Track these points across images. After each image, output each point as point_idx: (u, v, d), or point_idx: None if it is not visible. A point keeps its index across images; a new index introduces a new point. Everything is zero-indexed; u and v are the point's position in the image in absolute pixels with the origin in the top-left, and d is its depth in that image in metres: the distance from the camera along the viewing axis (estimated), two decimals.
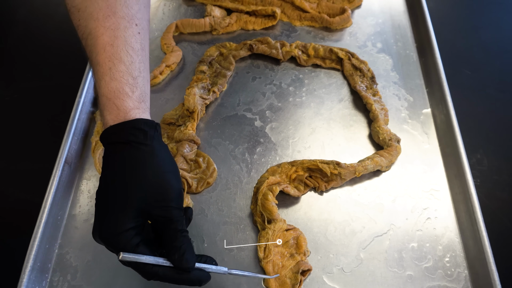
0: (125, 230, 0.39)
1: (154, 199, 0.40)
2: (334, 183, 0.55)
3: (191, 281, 0.40)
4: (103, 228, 0.39)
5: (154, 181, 0.41)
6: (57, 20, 0.78)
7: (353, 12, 0.75)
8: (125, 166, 0.41)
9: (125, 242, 0.39)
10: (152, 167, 0.41)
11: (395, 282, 0.49)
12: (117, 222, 0.39)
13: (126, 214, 0.39)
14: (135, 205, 0.40)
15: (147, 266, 0.39)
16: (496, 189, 0.59)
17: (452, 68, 0.69)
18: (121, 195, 0.40)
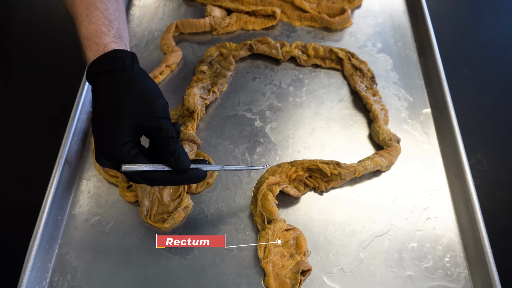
0: (122, 144, 0.43)
1: (143, 112, 0.45)
2: (334, 183, 0.55)
3: (190, 179, 0.45)
4: (103, 147, 0.44)
5: (139, 98, 0.46)
6: (57, 20, 0.78)
7: (353, 12, 0.75)
8: (110, 91, 0.46)
9: (124, 155, 0.43)
10: (135, 87, 0.46)
11: (395, 282, 0.49)
12: (114, 138, 0.43)
13: (120, 130, 0.44)
14: (127, 122, 0.44)
15: (148, 173, 0.44)
16: (496, 189, 0.59)
17: (452, 68, 0.69)
18: (112, 115, 0.44)
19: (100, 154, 0.44)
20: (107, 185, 0.56)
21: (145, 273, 0.49)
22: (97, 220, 0.53)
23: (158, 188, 0.53)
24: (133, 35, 0.71)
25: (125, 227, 0.52)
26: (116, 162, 0.44)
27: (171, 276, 0.49)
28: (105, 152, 0.44)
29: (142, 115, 0.45)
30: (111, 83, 0.46)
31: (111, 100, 0.45)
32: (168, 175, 0.44)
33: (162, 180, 0.44)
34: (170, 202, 0.53)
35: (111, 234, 0.52)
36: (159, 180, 0.44)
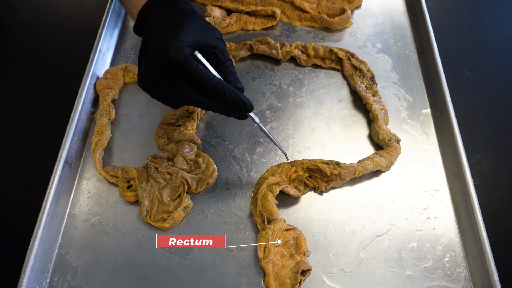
0: (187, 45, 0.45)
1: (206, 32, 0.48)
2: (334, 183, 0.55)
3: (243, 100, 0.47)
4: (168, 46, 0.45)
5: (203, 22, 0.49)
6: (57, 20, 0.78)
7: (353, 13, 0.75)
8: (176, 12, 0.49)
9: (188, 55, 0.45)
10: (198, 14, 0.50)
11: (395, 282, 0.49)
12: (180, 39, 0.45)
13: (187, 36, 0.46)
14: (193, 33, 0.47)
15: (208, 81, 0.45)
16: (496, 189, 0.59)
17: (452, 69, 0.69)
18: (179, 26, 0.47)
19: (161, 52, 0.44)
20: (107, 185, 0.56)
21: (145, 273, 0.49)
22: (97, 220, 0.53)
23: (158, 188, 0.53)
24: (133, 35, 0.71)
25: (125, 227, 0.52)
26: (178, 60, 0.44)
27: (171, 276, 0.49)
28: (168, 50, 0.44)
29: (206, 34, 0.48)
30: (177, 8, 0.49)
31: (178, 17, 0.48)
32: (227, 90, 0.46)
33: (219, 92, 0.45)
34: (170, 202, 0.53)
35: (111, 234, 0.52)
36: (220, 89, 0.45)
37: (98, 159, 0.56)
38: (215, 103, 0.47)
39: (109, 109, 0.61)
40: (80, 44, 0.71)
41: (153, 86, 0.48)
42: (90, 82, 0.61)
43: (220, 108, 0.48)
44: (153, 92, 0.49)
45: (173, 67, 0.45)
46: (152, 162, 0.55)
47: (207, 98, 0.47)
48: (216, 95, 0.46)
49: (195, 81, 0.46)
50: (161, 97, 0.49)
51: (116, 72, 0.64)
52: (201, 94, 0.47)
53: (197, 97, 0.47)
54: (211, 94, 0.46)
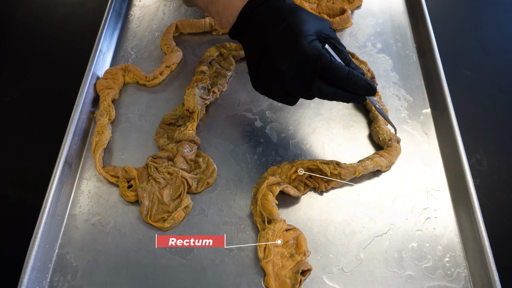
0: (314, 39, 0.46)
1: (320, 24, 0.48)
2: (334, 183, 0.55)
3: (371, 85, 0.48)
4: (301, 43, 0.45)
5: (310, 14, 0.49)
6: (57, 21, 0.78)
7: (353, 13, 0.75)
8: (289, 8, 0.48)
9: (319, 47, 0.45)
10: (301, 8, 0.49)
11: (395, 282, 0.49)
12: (308, 34, 0.45)
13: (308, 30, 0.46)
14: (311, 27, 0.46)
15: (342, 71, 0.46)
16: (496, 189, 0.59)
17: (452, 68, 0.69)
18: (300, 22, 0.46)
19: (296, 49, 0.45)
20: (107, 185, 0.56)
21: (145, 273, 0.49)
22: (97, 220, 0.53)
23: (158, 188, 0.53)
24: (133, 36, 0.71)
25: (125, 227, 0.52)
26: (313, 55, 0.45)
27: (171, 276, 0.49)
28: (303, 45, 0.45)
29: (322, 25, 0.48)
30: (283, 4, 0.48)
31: (291, 12, 0.47)
32: (358, 77, 0.47)
33: (351, 81, 0.47)
34: (170, 202, 0.53)
35: (111, 234, 0.52)
36: (353, 80, 0.46)
37: (98, 159, 0.56)
38: (344, 92, 0.48)
39: (109, 109, 0.61)
40: (80, 44, 0.71)
41: (279, 86, 0.48)
42: (90, 82, 0.61)
43: (346, 97, 0.49)
44: (275, 93, 0.50)
45: (309, 62, 0.45)
46: (152, 162, 0.55)
47: (338, 88, 0.48)
48: (348, 84, 0.47)
49: (330, 74, 0.46)
50: (283, 95, 0.50)
51: (116, 72, 0.64)
52: (332, 85, 0.48)
53: (329, 89, 0.48)
54: (343, 84, 0.47)
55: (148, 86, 0.65)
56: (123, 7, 0.75)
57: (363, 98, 0.51)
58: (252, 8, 0.49)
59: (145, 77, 0.64)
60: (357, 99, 0.50)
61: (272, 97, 0.51)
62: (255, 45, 0.49)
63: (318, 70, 0.46)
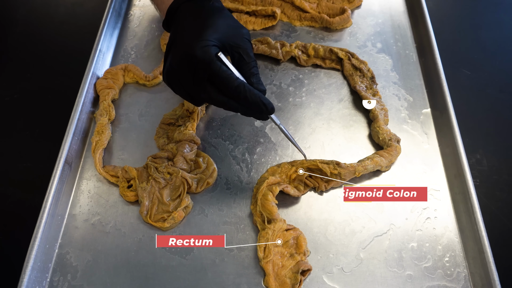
0: (212, 45, 0.46)
1: (233, 31, 0.48)
2: (334, 183, 0.55)
3: (265, 103, 0.46)
4: (192, 45, 0.45)
5: (230, 20, 0.50)
6: (57, 20, 0.78)
7: (353, 12, 0.75)
8: (204, 10, 0.49)
9: (211, 55, 0.45)
10: (226, 12, 0.50)
11: (395, 282, 0.49)
12: (206, 38, 0.46)
13: (212, 35, 0.46)
14: (219, 31, 0.47)
15: (231, 81, 0.45)
16: (496, 189, 0.59)
17: (452, 68, 0.69)
18: (205, 25, 0.47)
19: (187, 50, 0.45)
20: (107, 185, 0.56)
21: (145, 273, 0.49)
22: (97, 220, 0.53)
23: (158, 188, 0.53)
24: (133, 35, 0.71)
25: (125, 227, 0.52)
26: (203, 60, 0.45)
27: (171, 276, 0.49)
28: (194, 48, 0.45)
29: (233, 33, 0.48)
30: (206, 5, 0.49)
31: (206, 15, 0.48)
32: (248, 88, 0.46)
33: (244, 91, 0.45)
34: (170, 202, 0.53)
35: (111, 234, 0.52)
36: (241, 91, 0.45)
37: (98, 159, 0.56)
38: (237, 104, 0.47)
39: (109, 109, 0.61)
40: (80, 44, 0.71)
41: (177, 83, 0.48)
42: (90, 82, 0.61)
43: (241, 109, 0.48)
44: (176, 89, 0.50)
45: (198, 66, 0.45)
46: (152, 162, 0.55)
47: (229, 99, 0.47)
48: (238, 97, 0.46)
49: (218, 82, 0.46)
50: (184, 94, 0.49)
51: (116, 72, 0.64)
52: (223, 94, 0.47)
53: (219, 97, 0.47)
54: (233, 96, 0.46)
55: (148, 86, 0.65)
56: (123, 7, 0.75)
57: (264, 116, 0.49)
58: (178, 5, 0.50)
59: (145, 77, 0.64)
60: (255, 115, 0.49)
61: (176, 93, 0.51)
62: (169, 39, 0.50)
63: (206, 75, 0.45)
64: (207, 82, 0.46)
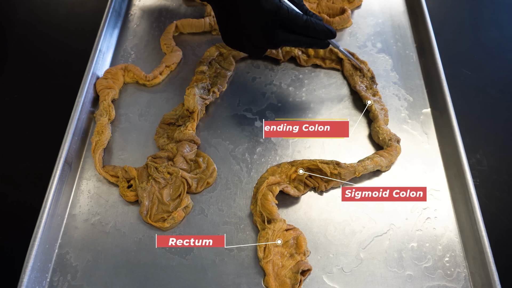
0: None
1: None
2: (334, 183, 0.55)
3: (329, 29, 0.53)
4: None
5: None
6: (57, 20, 0.78)
7: (353, 12, 0.75)
8: None
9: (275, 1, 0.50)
10: None
11: (395, 282, 0.49)
12: None
13: None
14: None
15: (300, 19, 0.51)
16: (496, 189, 0.59)
17: (452, 68, 0.69)
18: None
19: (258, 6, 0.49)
20: (107, 185, 0.56)
21: (145, 273, 0.49)
22: (97, 220, 0.53)
23: (158, 188, 0.53)
24: (133, 35, 0.71)
25: (125, 227, 0.52)
26: (271, 10, 0.50)
27: (171, 276, 0.49)
28: (261, 3, 0.49)
29: None
30: None
31: None
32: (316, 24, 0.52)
33: (310, 27, 0.51)
34: (170, 202, 0.53)
35: (111, 234, 0.52)
36: (311, 26, 0.51)
37: (98, 159, 0.56)
38: (305, 38, 0.53)
39: (109, 109, 0.61)
40: (80, 44, 0.71)
41: (247, 39, 0.54)
42: (90, 82, 0.61)
43: (309, 42, 0.54)
44: (243, 47, 0.55)
45: (268, 17, 0.50)
46: (152, 162, 0.55)
47: (298, 35, 0.53)
48: (307, 30, 0.52)
49: (289, 23, 0.51)
50: (251, 49, 0.55)
51: (116, 72, 0.64)
52: (293, 33, 0.52)
53: (290, 36, 0.53)
54: (302, 31, 0.52)
55: (148, 86, 0.65)
56: (123, 7, 0.75)
57: (326, 43, 0.55)
58: None
59: (145, 77, 0.64)
60: (320, 44, 0.55)
61: (242, 51, 0.57)
62: (222, 6, 0.53)
63: (278, 22, 0.51)
64: (278, 27, 0.51)
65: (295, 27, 0.52)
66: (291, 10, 0.51)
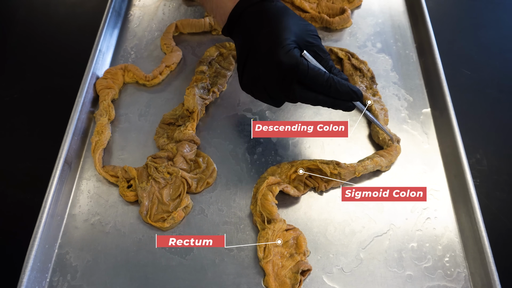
0: (294, 47, 0.47)
1: (304, 29, 0.49)
2: (334, 183, 0.55)
3: (354, 90, 0.48)
4: (278, 52, 0.46)
5: (298, 19, 0.50)
6: (57, 20, 0.78)
7: (353, 12, 0.75)
8: (272, 12, 0.49)
9: (297, 56, 0.46)
10: (288, 11, 0.50)
11: (395, 282, 0.49)
12: (286, 43, 0.46)
13: (290, 38, 0.47)
14: (294, 33, 0.48)
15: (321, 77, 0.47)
16: (496, 189, 0.59)
17: (452, 68, 0.69)
18: (280, 29, 0.47)
19: (272, 58, 0.46)
20: (107, 185, 0.56)
21: (145, 273, 0.49)
22: (97, 220, 0.53)
23: (158, 188, 0.53)
24: (133, 35, 0.71)
25: (125, 227, 0.52)
26: (290, 64, 0.46)
27: (171, 276, 0.49)
28: (279, 55, 0.46)
29: (304, 31, 0.49)
30: (271, 7, 0.49)
31: (276, 18, 0.48)
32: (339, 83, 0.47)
33: (332, 87, 0.47)
34: (170, 202, 0.53)
35: (111, 234, 0.52)
36: (333, 86, 0.47)
37: (98, 159, 0.56)
38: (326, 98, 0.48)
39: (109, 109, 0.61)
40: (80, 44, 0.71)
41: (262, 90, 0.50)
42: (90, 82, 0.61)
43: (330, 102, 0.49)
44: (259, 96, 0.51)
45: (286, 71, 0.46)
46: (152, 162, 0.55)
47: (318, 94, 0.48)
48: (328, 90, 0.47)
49: (308, 81, 0.47)
50: (267, 99, 0.51)
51: (116, 72, 0.64)
52: (312, 91, 0.48)
53: (309, 94, 0.48)
54: (323, 90, 0.47)
55: (148, 86, 0.65)
56: (123, 7, 0.75)
57: (351, 105, 0.50)
58: (241, 9, 0.50)
59: (144, 77, 0.64)
60: (343, 105, 0.50)
61: (258, 98, 0.53)
62: (242, 47, 0.50)
63: (295, 78, 0.46)
64: (296, 83, 0.47)
65: (315, 85, 0.47)
66: (311, 67, 0.46)
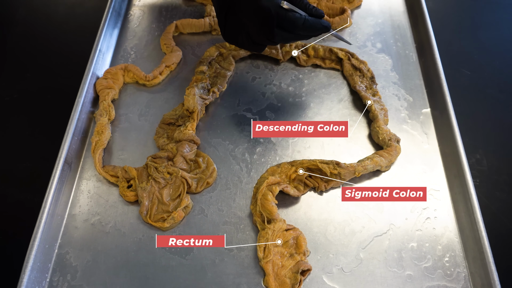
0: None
1: None
2: (334, 183, 0.55)
3: (325, 25, 0.54)
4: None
5: None
6: (57, 20, 0.78)
7: (352, 12, 0.75)
8: None
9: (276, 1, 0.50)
10: None
11: (395, 282, 0.49)
12: None
13: None
14: None
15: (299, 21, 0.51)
16: (496, 189, 0.59)
17: (452, 68, 0.69)
18: None
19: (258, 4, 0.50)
20: (107, 185, 0.56)
21: (145, 273, 0.49)
22: (97, 220, 0.53)
23: (158, 188, 0.53)
24: (133, 35, 0.71)
25: (125, 227, 0.52)
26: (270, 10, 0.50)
27: (171, 276, 0.49)
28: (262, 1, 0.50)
29: None
30: None
31: None
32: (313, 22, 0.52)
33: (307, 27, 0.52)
34: (170, 202, 0.53)
35: (111, 234, 0.52)
36: (305, 23, 0.52)
37: (98, 159, 0.56)
38: (302, 35, 0.55)
39: (109, 109, 0.61)
40: (80, 44, 0.71)
41: (246, 36, 0.54)
42: (90, 82, 0.61)
43: (305, 37, 0.56)
44: (243, 43, 0.56)
45: (267, 16, 0.51)
46: (152, 162, 0.55)
47: (296, 34, 0.54)
48: (305, 30, 0.53)
49: (286, 24, 0.52)
50: (250, 45, 0.56)
51: (116, 72, 0.64)
52: (290, 32, 0.53)
53: (290, 35, 0.54)
54: (301, 31, 0.53)
55: (148, 86, 0.65)
56: (123, 7, 0.75)
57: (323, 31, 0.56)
58: None
59: (144, 77, 0.64)
60: (317, 34, 0.55)
61: (241, 47, 0.57)
62: (222, 2, 0.54)
63: (275, 22, 0.51)
64: (276, 27, 0.52)
65: (292, 28, 0.53)
66: (289, 13, 0.52)
